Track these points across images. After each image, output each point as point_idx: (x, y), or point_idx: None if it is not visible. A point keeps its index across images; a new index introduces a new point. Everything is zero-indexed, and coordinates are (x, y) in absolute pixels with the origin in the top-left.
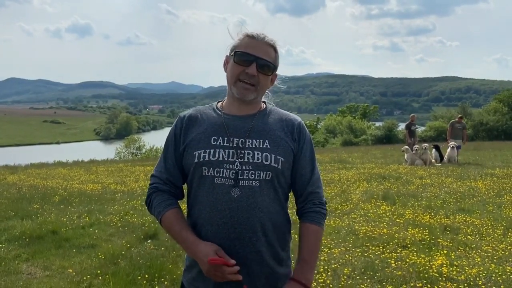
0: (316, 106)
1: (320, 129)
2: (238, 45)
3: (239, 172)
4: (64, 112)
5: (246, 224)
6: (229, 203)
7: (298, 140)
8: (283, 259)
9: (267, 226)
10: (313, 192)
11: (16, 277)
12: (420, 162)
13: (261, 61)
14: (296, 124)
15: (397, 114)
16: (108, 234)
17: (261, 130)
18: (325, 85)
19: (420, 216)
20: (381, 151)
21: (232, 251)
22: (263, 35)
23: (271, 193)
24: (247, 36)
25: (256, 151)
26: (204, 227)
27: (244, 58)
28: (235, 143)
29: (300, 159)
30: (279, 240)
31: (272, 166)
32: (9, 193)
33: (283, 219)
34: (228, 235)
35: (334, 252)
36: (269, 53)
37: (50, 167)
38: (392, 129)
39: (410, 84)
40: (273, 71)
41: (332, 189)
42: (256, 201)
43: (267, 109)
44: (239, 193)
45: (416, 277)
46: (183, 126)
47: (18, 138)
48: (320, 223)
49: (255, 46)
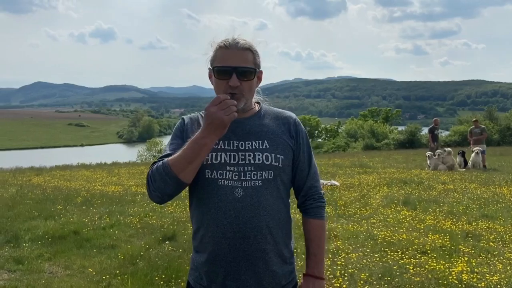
0: (337, 110)
1: (341, 133)
2: (215, 59)
3: (241, 174)
4: (88, 115)
5: (251, 223)
6: (234, 204)
7: (295, 137)
8: (286, 257)
9: (271, 224)
10: (313, 186)
11: (38, 276)
12: (443, 167)
13: (239, 69)
14: (292, 121)
15: (421, 118)
16: (127, 235)
17: (258, 131)
18: (347, 88)
19: (442, 222)
20: (403, 155)
21: (238, 250)
22: (235, 42)
23: (274, 192)
24: (220, 48)
25: (256, 152)
26: (210, 228)
27: (223, 72)
28: (235, 145)
29: (299, 155)
30: (283, 237)
31: (273, 165)
32: (33, 194)
33: (285, 216)
34: (234, 235)
35: (351, 256)
36: (246, 58)
37: (74, 169)
38: (415, 133)
39: (434, 88)
40: (255, 73)
41: (352, 194)
42: (260, 200)
43: (261, 110)
44: (242, 193)
45: (435, 283)
46: (185, 128)
47: (44, 140)
48: (322, 217)
49: (230, 56)
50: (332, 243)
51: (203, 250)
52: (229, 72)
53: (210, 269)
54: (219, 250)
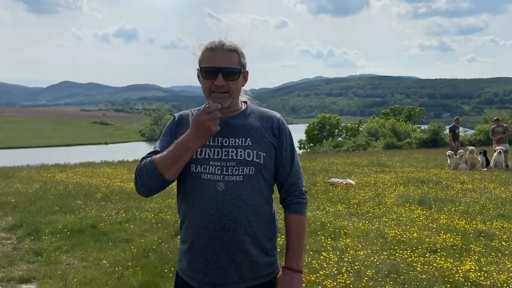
0: (359, 108)
1: (361, 132)
2: (202, 60)
3: (224, 168)
4: (112, 114)
5: (231, 215)
6: (215, 197)
7: (278, 135)
8: (268, 249)
9: (251, 217)
10: (294, 183)
11: (55, 267)
12: (464, 166)
13: (225, 70)
14: (275, 120)
15: (446, 117)
16: (142, 230)
17: (242, 129)
18: (369, 86)
19: (456, 221)
20: (424, 155)
21: (218, 241)
22: (221, 43)
23: (255, 187)
24: (206, 49)
25: (239, 148)
26: (194, 219)
27: (209, 72)
28: (219, 142)
29: (281, 153)
30: (264, 230)
31: (255, 162)
32: (56, 189)
33: (267, 211)
34: (215, 226)
35: (359, 254)
36: (231, 59)
37: (96, 166)
38: (438, 132)
39: (460, 86)
40: (240, 73)
41: (367, 193)
42: (240, 194)
43: (247, 109)
44: (224, 187)
45: (441, 281)
46: (174, 126)
47: (70, 138)
48: (302, 212)
49: (216, 57)
50: (342, 240)
51: (186, 240)
52: (215, 73)
53: (192, 258)
54: (201, 240)
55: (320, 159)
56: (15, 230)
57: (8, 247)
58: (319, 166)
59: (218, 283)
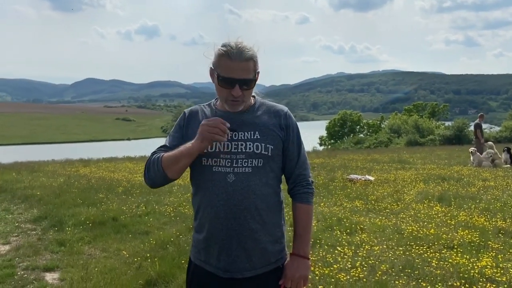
0: (381, 105)
1: (383, 129)
2: (218, 66)
3: (233, 161)
4: (134, 110)
5: (241, 205)
6: (226, 188)
7: (285, 129)
8: (277, 237)
9: (260, 206)
10: (301, 174)
11: (77, 257)
12: (487, 163)
13: (242, 82)
14: (282, 114)
15: (472, 113)
16: (161, 223)
17: (251, 122)
18: (392, 82)
19: (475, 218)
20: (447, 152)
21: (230, 229)
22: (239, 52)
23: (263, 178)
24: (223, 56)
25: (248, 141)
26: (206, 209)
27: (226, 82)
28: (229, 135)
29: (289, 146)
30: (272, 219)
31: (263, 154)
32: (79, 183)
33: (275, 200)
34: (226, 215)
35: (375, 249)
36: (248, 69)
37: (119, 161)
38: (462, 129)
39: (487, 81)
40: (255, 81)
41: (385, 189)
42: (249, 184)
43: (256, 104)
44: (234, 178)
45: (456, 276)
46: (185, 122)
47: (94, 134)
48: (309, 202)
49: (234, 68)
50: (357, 235)
51: (201, 230)
52: (232, 83)
53: (207, 246)
54: (214, 229)
55: (340, 155)
56: (40, 221)
57: (34, 237)
58: (339, 162)
59: (231, 269)
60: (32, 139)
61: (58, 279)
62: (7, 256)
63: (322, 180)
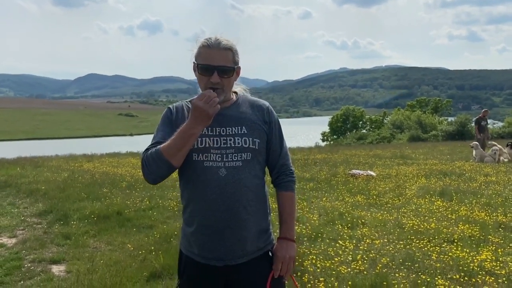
0: (384, 100)
1: (386, 124)
2: (198, 56)
3: (224, 155)
4: (137, 106)
5: (233, 197)
6: (218, 181)
7: (268, 122)
8: (265, 224)
9: (250, 197)
10: (284, 164)
11: (83, 250)
12: (490, 159)
13: (220, 68)
14: (265, 108)
15: (475, 109)
16: (165, 217)
17: (237, 118)
18: (395, 78)
19: (476, 213)
20: (450, 147)
21: (223, 221)
22: (217, 42)
23: (252, 170)
24: (203, 46)
25: (236, 136)
26: (198, 203)
27: (205, 69)
28: (217, 131)
29: (272, 138)
30: (261, 209)
31: (251, 148)
32: (83, 178)
33: (262, 191)
34: (219, 208)
35: (376, 243)
36: (226, 57)
37: (122, 156)
38: (465, 124)
39: (491, 77)
40: (233, 71)
41: (387, 184)
42: (240, 177)
43: (239, 99)
44: (225, 172)
45: (456, 269)
46: (174, 117)
47: (96, 129)
48: (293, 190)
49: (212, 55)
50: (359, 230)
51: (192, 222)
52: (211, 70)
53: (199, 238)
54: (207, 221)
55: (342, 151)
56: (46, 215)
57: (39, 231)
58: (341, 158)
59: (225, 258)
60: (35, 135)
61: (65, 271)
62: (14, 249)
63: (324, 175)
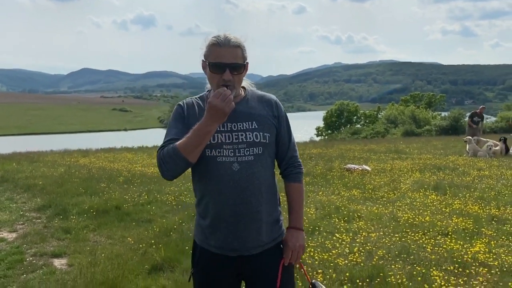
0: (378, 95)
1: (380, 119)
2: (209, 55)
3: (236, 150)
4: (131, 101)
5: (247, 191)
6: (232, 176)
7: (278, 116)
8: (276, 215)
9: (263, 190)
10: (293, 156)
11: (84, 244)
12: (483, 153)
13: (231, 66)
14: (273, 102)
15: (468, 104)
16: (163, 211)
17: (247, 113)
18: (389, 73)
19: (469, 206)
20: (443, 142)
21: (238, 213)
22: (227, 39)
23: (264, 164)
24: (213, 45)
25: (247, 132)
26: (213, 197)
27: (217, 67)
28: (228, 127)
29: (281, 131)
30: (273, 200)
31: (262, 142)
32: (80, 173)
33: (273, 183)
34: (234, 201)
35: (371, 236)
36: (236, 55)
37: (117, 151)
38: (458, 119)
39: (484, 72)
40: (244, 67)
41: (382, 178)
42: (253, 171)
43: (247, 94)
44: (238, 167)
45: (450, 261)
46: (185, 113)
47: (90, 124)
48: (301, 181)
49: (223, 53)
50: (355, 223)
51: (207, 215)
52: (222, 68)
53: (214, 230)
54: (222, 214)
55: (337, 145)
56: (44, 210)
57: (39, 225)
58: (336, 152)
59: (240, 249)
60: (29, 130)
61: (66, 265)
62: (15, 243)
63: (320, 170)
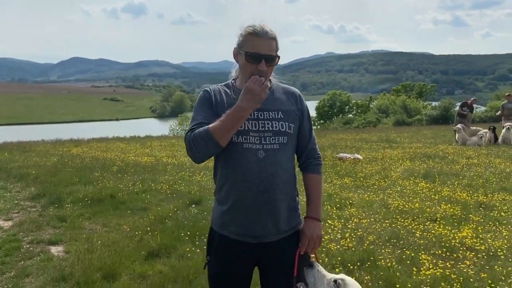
0: (370, 85)
1: (372, 109)
2: (245, 44)
3: (262, 138)
4: (122, 90)
5: (271, 178)
6: (258, 163)
7: (301, 109)
8: (295, 204)
9: (284, 179)
10: (313, 149)
11: (80, 231)
12: (472, 142)
13: (267, 57)
14: (297, 95)
15: (459, 94)
16: (158, 200)
17: (273, 103)
18: (381, 63)
19: (458, 193)
20: (433, 131)
21: (260, 200)
22: (264, 31)
23: (287, 153)
24: (250, 34)
25: (274, 121)
26: (236, 183)
27: (254, 57)
28: (255, 115)
29: (303, 124)
30: (292, 189)
31: (287, 132)
32: (73, 163)
33: (294, 172)
34: (258, 188)
35: (363, 222)
36: (272, 47)
37: (110, 141)
38: (449, 109)
39: (474, 62)
40: (277, 59)
41: (373, 167)
42: (277, 160)
43: (273, 86)
44: (264, 154)
45: (438, 246)
46: (212, 98)
47: (81, 114)
48: (320, 172)
49: (260, 44)
50: (347, 210)
51: (227, 202)
52: (259, 58)
53: (234, 216)
54: (245, 200)
55: (329, 135)
56: (39, 199)
57: (34, 214)
58: (328, 142)
59: (259, 235)
60: (18, 120)
61: (63, 252)
62: (11, 231)
63: None
